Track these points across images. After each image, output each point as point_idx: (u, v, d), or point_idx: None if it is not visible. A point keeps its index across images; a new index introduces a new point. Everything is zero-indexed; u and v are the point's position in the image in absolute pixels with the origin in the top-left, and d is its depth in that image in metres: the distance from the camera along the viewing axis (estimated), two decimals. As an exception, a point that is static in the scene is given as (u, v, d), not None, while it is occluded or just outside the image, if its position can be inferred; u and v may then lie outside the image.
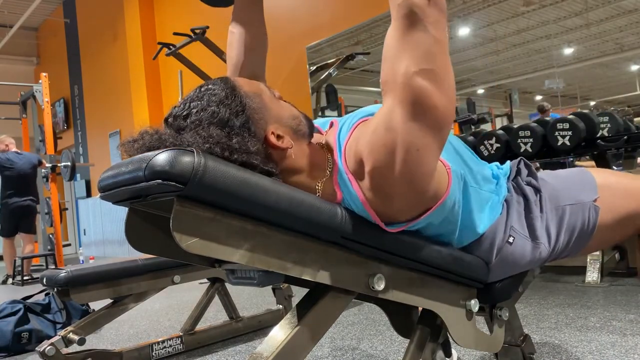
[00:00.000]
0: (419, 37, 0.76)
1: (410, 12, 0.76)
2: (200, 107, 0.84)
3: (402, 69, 0.76)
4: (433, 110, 0.77)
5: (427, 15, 0.76)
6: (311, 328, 0.83)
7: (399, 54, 0.77)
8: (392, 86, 0.78)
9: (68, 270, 1.74)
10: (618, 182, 1.02)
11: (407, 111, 0.76)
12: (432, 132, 0.78)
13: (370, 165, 0.80)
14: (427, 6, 0.76)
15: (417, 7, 0.76)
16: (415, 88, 0.76)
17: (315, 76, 4.59)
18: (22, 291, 4.86)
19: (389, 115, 0.78)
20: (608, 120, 2.90)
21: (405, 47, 0.77)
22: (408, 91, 0.76)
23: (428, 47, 0.76)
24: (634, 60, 3.21)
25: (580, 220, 1.01)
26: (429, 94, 0.76)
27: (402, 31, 0.77)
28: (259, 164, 0.80)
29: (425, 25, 0.76)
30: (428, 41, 0.76)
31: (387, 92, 0.80)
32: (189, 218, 0.69)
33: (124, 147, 0.82)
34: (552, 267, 3.15)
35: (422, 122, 0.77)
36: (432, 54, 0.76)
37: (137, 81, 7.05)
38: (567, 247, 1.03)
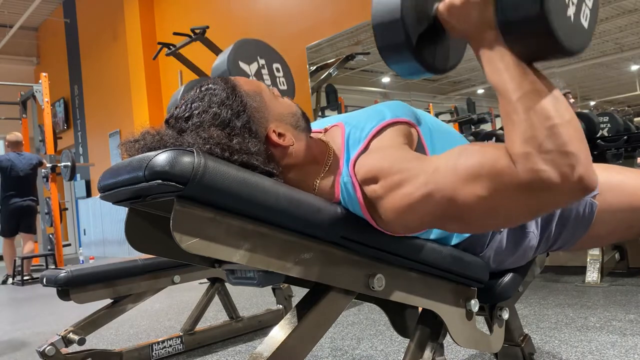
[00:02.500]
0: (520, 200, 0.69)
1: (541, 183, 0.65)
2: (202, 109, 0.84)
3: (480, 186, 0.70)
4: (463, 222, 0.77)
5: (554, 200, 0.68)
6: (311, 328, 0.83)
7: (491, 178, 0.69)
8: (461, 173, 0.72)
9: (68, 270, 1.74)
10: (622, 181, 1.01)
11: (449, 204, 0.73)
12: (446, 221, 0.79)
13: (385, 199, 0.79)
14: (568, 193, 0.66)
15: (557, 188, 0.65)
16: (468, 204, 0.72)
17: (315, 76, 4.59)
18: (22, 291, 4.86)
19: (435, 171, 0.75)
20: (608, 120, 2.90)
21: (500, 187, 0.69)
22: (464, 196, 0.71)
23: (515, 207, 0.70)
24: (634, 60, 3.21)
25: (574, 214, 1.01)
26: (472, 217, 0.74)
27: (513, 185, 0.67)
28: (260, 165, 0.80)
29: (542, 201, 0.68)
30: (522, 205, 0.70)
31: (451, 166, 0.74)
32: (189, 218, 0.69)
33: (125, 146, 0.82)
34: (552, 267, 3.15)
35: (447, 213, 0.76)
36: (512, 209, 0.71)
37: (137, 81, 7.05)
38: (559, 238, 1.04)
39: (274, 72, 1.34)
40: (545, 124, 0.66)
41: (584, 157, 0.66)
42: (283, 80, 1.36)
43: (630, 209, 0.99)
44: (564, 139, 0.65)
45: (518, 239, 1.01)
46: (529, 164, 0.65)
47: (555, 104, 0.68)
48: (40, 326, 3.00)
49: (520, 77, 0.70)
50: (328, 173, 0.89)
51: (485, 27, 0.74)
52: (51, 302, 3.84)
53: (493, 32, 0.74)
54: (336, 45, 4.58)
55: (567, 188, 0.65)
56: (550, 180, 0.65)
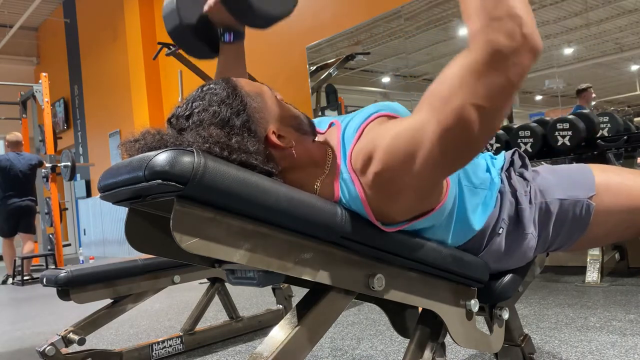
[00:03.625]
0: (494, 79, 0.71)
1: (496, 53, 0.69)
2: (202, 107, 0.85)
3: (459, 97, 0.72)
4: (466, 145, 0.76)
5: (514, 63, 0.70)
6: (311, 328, 0.83)
7: (466, 82, 0.72)
8: (439, 105, 0.74)
9: (68, 270, 1.74)
10: (620, 183, 1.01)
11: (441, 134, 0.74)
12: (454, 159, 0.79)
13: (382, 165, 0.79)
14: (520, 53, 0.69)
15: (509, 50, 0.69)
16: (463, 119, 0.72)
17: (315, 76, 4.59)
18: (22, 291, 4.86)
19: (420, 125, 0.76)
20: (608, 120, 2.90)
21: (476, 79, 0.71)
22: (454, 118, 0.73)
23: (497, 90, 0.72)
24: (634, 60, 3.21)
25: (571, 215, 1.01)
26: (472, 131, 0.74)
27: (481, 64, 0.71)
28: (258, 164, 0.80)
29: (507, 72, 0.70)
30: (500, 85, 0.71)
31: (429, 107, 0.76)
32: (188, 218, 0.69)
33: (125, 146, 0.82)
34: (552, 267, 3.15)
35: (450, 148, 0.76)
36: (495, 96, 0.72)
37: (137, 81, 7.05)
38: (556, 239, 1.04)
39: None
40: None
41: (528, 18, 0.70)
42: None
43: (628, 210, 0.99)
44: (509, 4, 0.69)
45: (516, 240, 1.01)
46: (482, 38, 0.70)
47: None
48: (40, 326, 3.00)
49: None
50: (328, 175, 0.89)
51: None
52: (51, 302, 3.84)
53: None
54: (336, 45, 4.58)
55: (518, 47, 0.69)
56: (502, 44, 0.69)
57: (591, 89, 3.23)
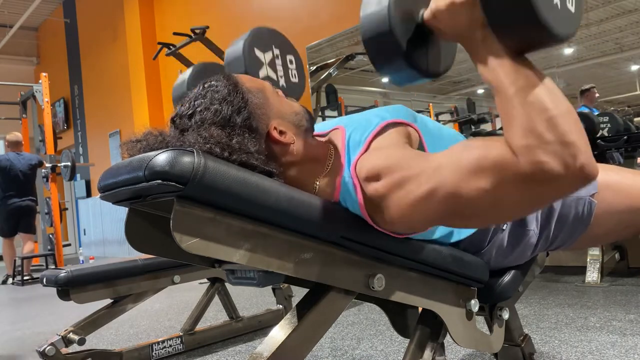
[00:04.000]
0: (528, 194, 0.68)
1: (543, 175, 0.65)
2: (203, 106, 0.85)
3: (487, 182, 0.69)
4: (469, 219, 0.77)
5: (558, 189, 0.67)
6: (311, 328, 0.83)
7: (497, 176, 0.68)
8: (463, 168, 0.72)
9: (68, 270, 1.74)
10: (620, 182, 1.01)
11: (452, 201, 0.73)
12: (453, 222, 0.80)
13: (386, 197, 0.79)
14: (569, 182, 0.65)
15: (558, 177, 0.64)
16: (478, 203, 0.71)
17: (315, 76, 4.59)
18: (22, 291, 4.86)
19: (437, 167, 0.74)
20: (608, 120, 2.90)
21: (508, 183, 0.68)
22: (471, 197, 0.71)
23: (519, 199, 0.69)
24: (634, 60, 3.21)
25: (574, 212, 1.01)
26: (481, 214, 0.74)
27: (518, 176, 0.67)
28: (259, 164, 0.80)
29: (547, 193, 0.67)
30: (525, 197, 0.68)
31: (454, 162, 0.73)
32: (188, 218, 0.69)
33: (127, 146, 0.82)
34: (552, 267, 3.15)
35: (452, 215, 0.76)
36: (518, 206, 0.70)
37: (137, 81, 7.05)
38: (558, 237, 1.04)
39: (287, 63, 1.33)
40: (543, 116, 0.66)
41: (584, 146, 0.66)
42: (295, 73, 1.35)
43: (628, 209, 0.99)
44: (563, 129, 0.65)
45: (518, 237, 1.02)
46: (531, 156, 0.65)
47: (550, 96, 0.68)
48: (40, 326, 3.00)
49: (514, 73, 0.70)
50: (329, 173, 0.89)
51: (474, 27, 0.74)
52: (51, 302, 3.84)
53: (483, 30, 0.73)
54: (336, 45, 4.57)
55: (570, 178, 0.65)
56: (553, 171, 0.64)
57: (594, 89, 3.22)
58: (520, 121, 0.67)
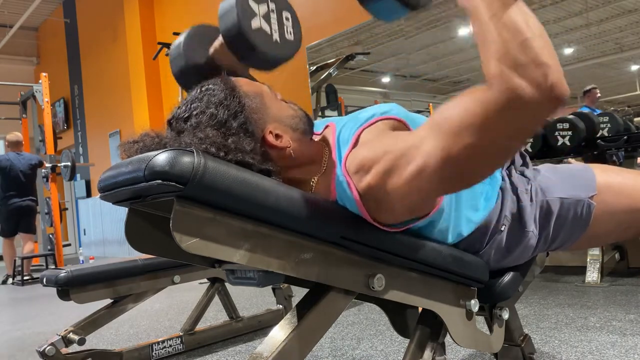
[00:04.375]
0: (510, 123, 0.68)
1: (518, 100, 0.65)
2: (200, 110, 0.85)
3: (470, 133, 0.70)
4: (465, 177, 0.76)
5: (535, 111, 0.67)
6: (311, 328, 0.83)
7: (477, 120, 0.69)
8: (447, 134, 0.72)
9: (68, 270, 1.74)
10: (621, 183, 1.01)
11: (444, 162, 0.73)
12: (451, 186, 0.79)
13: (378, 180, 0.79)
14: (543, 102, 0.65)
15: (531, 99, 0.65)
16: (468, 155, 0.71)
17: (315, 76, 4.59)
18: (22, 291, 4.86)
19: (422, 147, 0.74)
20: (608, 120, 2.90)
21: (488, 121, 0.69)
22: (460, 152, 0.71)
23: (510, 134, 0.70)
24: (634, 60, 3.21)
25: (572, 214, 1.01)
26: (475, 166, 0.74)
27: (497, 108, 0.67)
28: (255, 163, 0.80)
29: (526, 118, 0.68)
30: (515, 129, 0.69)
31: (436, 131, 0.74)
32: (188, 218, 0.69)
33: (124, 147, 0.82)
34: (552, 267, 3.15)
35: (449, 177, 0.75)
36: (508, 139, 0.71)
37: (137, 81, 7.05)
38: (557, 238, 1.04)
39: (283, 19, 1.30)
40: (517, 39, 0.66)
41: (555, 66, 0.67)
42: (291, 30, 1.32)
43: (628, 210, 0.99)
44: (536, 51, 0.66)
45: (517, 238, 1.01)
46: (504, 83, 0.66)
47: (525, 18, 0.68)
48: (40, 326, 3.00)
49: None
50: (324, 173, 0.90)
51: None
52: (51, 302, 3.84)
53: None
54: (336, 45, 4.58)
55: (543, 97, 0.65)
56: (527, 92, 0.65)
57: (596, 89, 3.22)
58: (495, 45, 0.67)
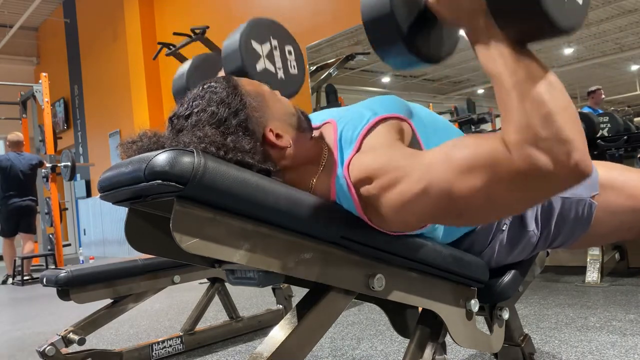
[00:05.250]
0: (523, 191, 0.68)
1: (537, 172, 0.64)
2: (201, 107, 0.85)
3: (475, 178, 0.69)
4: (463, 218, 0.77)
5: (553, 186, 0.66)
6: (311, 328, 0.83)
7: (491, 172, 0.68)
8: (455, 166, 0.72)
9: (68, 270, 1.74)
10: (623, 182, 1.00)
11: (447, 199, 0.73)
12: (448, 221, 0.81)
13: (379, 198, 0.79)
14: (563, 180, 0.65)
15: (551, 175, 0.64)
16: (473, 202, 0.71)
17: (315, 76, 4.59)
18: (22, 291, 4.86)
19: (428, 167, 0.74)
20: (608, 120, 2.90)
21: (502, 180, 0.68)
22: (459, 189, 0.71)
23: (514, 197, 0.69)
24: (634, 60, 3.21)
25: (574, 213, 1.00)
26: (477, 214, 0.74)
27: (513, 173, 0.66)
28: (255, 163, 0.79)
29: (541, 190, 0.68)
30: (520, 194, 0.69)
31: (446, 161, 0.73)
32: (188, 218, 0.69)
33: (123, 147, 0.82)
34: (552, 267, 3.15)
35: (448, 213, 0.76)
36: (515, 203, 0.71)
37: (137, 81, 7.05)
38: (558, 237, 1.04)
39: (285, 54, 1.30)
40: (540, 111, 0.65)
41: (580, 143, 0.65)
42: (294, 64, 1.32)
43: (630, 210, 0.99)
44: (559, 126, 0.64)
45: (518, 237, 1.02)
46: (525, 152, 0.65)
47: (550, 90, 0.67)
48: (40, 326, 3.00)
49: (514, 63, 0.69)
50: (323, 173, 0.89)
51: (477, 14, 0.73)
52: (51, 302, 3.84)
53: (485, 17, 0.72)
54: (336, 45, 4.57)
55: (563, 175, 0.64)
56: (547, 168, 0.64)
57: (601, 90, 3.21)
58: (516, 115, 0.66)
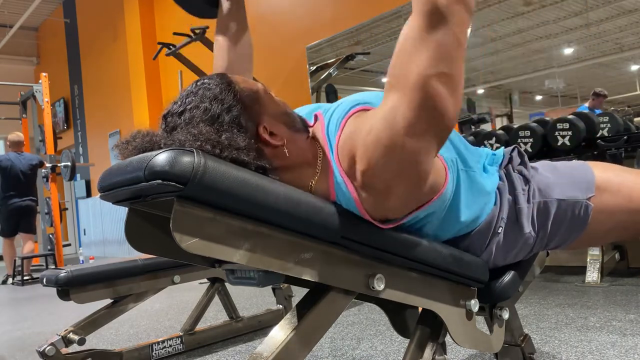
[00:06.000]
0: (441, 37, 0.73)
1: (434, 9, 0.72)
2: (194, 104, 0.84)
3: (417, 68, 0.74)
4: (441, 117, 0.76)
5: (452, 15, 0.73)
6: (311, 328, 0.83)
7: (417, 52, 0.74)
8: (403, 84, 0.75)
9: (68, 270, 1.74)
10: (620, 184, 1.00)
11: (414, 114, 0.74)
12: (435, 136, 0.78)
13: (364, 164, 0.79)
14: (454, 4, 0.73)
15: (443, 5, 0.72)
16: (428, 91, 0.74)
17: (315, 76, 4.59)
18: (22, 291, 4.86)
19: (392, 113, 0.76)
20: (608, 120, 2.90)
21: (424, 46, 0.73)
22: (420, 93, 0.74)
23: (449, 50, 0.74)
24: (634, 60, 3.21)
25: (570, 215, 1.00)
26: (442, 100, 0.75)
27: (423, 28, 0.74)
28: (251, 160, 0.79)
29: (449, 26, 0.73)
30: (450, 43, 0.73)
31: (394, 88, 0.77)
32: (188, 218, 0.69)
33: (119, 149, 0.82)
34: (552, 267, 3.15)
35: (427, 125, 0.76)
36: (451, 58, 0.74)
37: (137, 81, 7.05)
38: (554, 238, 1.04)
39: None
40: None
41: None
42: None
43: (627, 211, 0.99)
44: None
45: (515, 239, 1.01)
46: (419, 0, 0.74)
47: None
48: (40, 326, 3.00)
49: None
50: (321, 174, 0.88)
51: None
52: (51, 302, 3.84)
53: None
54: (336, 45, 4.58)
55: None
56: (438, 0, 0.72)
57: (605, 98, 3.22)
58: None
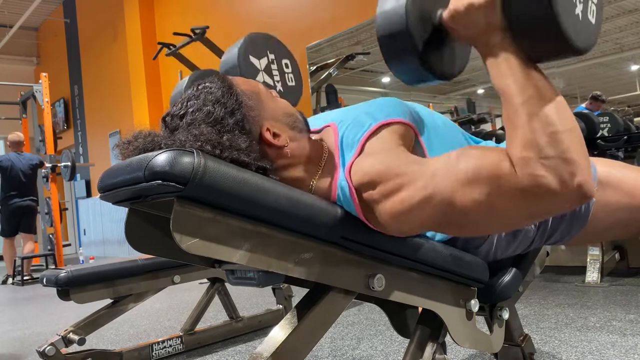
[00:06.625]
0: (524, 208, 0.69)
1: (539, 190, 0.65)
2: (196, 107, 0.84)
3: (478, 191, 0.70)
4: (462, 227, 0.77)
5: (554, 205, 0.67)
6: (311, 328, 0.83)
7: (494, 187, 0.69)
8: (460, 178, 0.72)
9: (68, 270, 1.74)
10: (621, 180, 1.00)
11: (447, 208, 0.73)
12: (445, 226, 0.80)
13: (380, 193, 0.79)
14: (565, 199, 0.65)
15: (554, 194, 0.65)
16: (472, 212, 0.72)
17: (315, 76, 4.59)
18: (22, 291, 4.86)
19: (432, 176, 0.74)
20: (608, 120, 2.90)
21: (499, 192, 0.69)
22: (466, 206, 0.72)
23: (515, 213, 0.70)
24: (634, 60, 3.21)
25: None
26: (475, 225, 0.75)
27: (515, 190, 0.67)
28: (251, 161, 0.79)
29: (541, 208, 0.68)
30: (522, 210, 0.70)
31: (450, 171, 0.73)
32: (188, 219, 0.69)
33: (120, 149, 0.82)
34: (552, 267, 3.15)
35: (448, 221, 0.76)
36: (511, 213, 0.71)
37: (137, 81, 7.05)
38: (555, 232, 1.04)
39: (282, 68, 1.31)
40: (546, 130, 0.66)
41: (584, 165, 0.66)
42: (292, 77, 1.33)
43: (628, 208, 0.99)
44: (565, 146, 0.65)
45: (515, 232, 1.02)
46: (529, 169, 0.66)
47: (557, 110, 0.68)
48: (40, 326, 3.00)
49: (524, 81, 0.70)
50: (324, 173, 0.88)
51: (491, 31, 0.74)
52: (51, 302, 3.84)
53: (499, 35, 0.74)
54: (336, 45, 4.57)
55: (566, 195, 0.65)
56: (549, 186, 0.65)
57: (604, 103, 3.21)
58: (523, 132, 0.67)
